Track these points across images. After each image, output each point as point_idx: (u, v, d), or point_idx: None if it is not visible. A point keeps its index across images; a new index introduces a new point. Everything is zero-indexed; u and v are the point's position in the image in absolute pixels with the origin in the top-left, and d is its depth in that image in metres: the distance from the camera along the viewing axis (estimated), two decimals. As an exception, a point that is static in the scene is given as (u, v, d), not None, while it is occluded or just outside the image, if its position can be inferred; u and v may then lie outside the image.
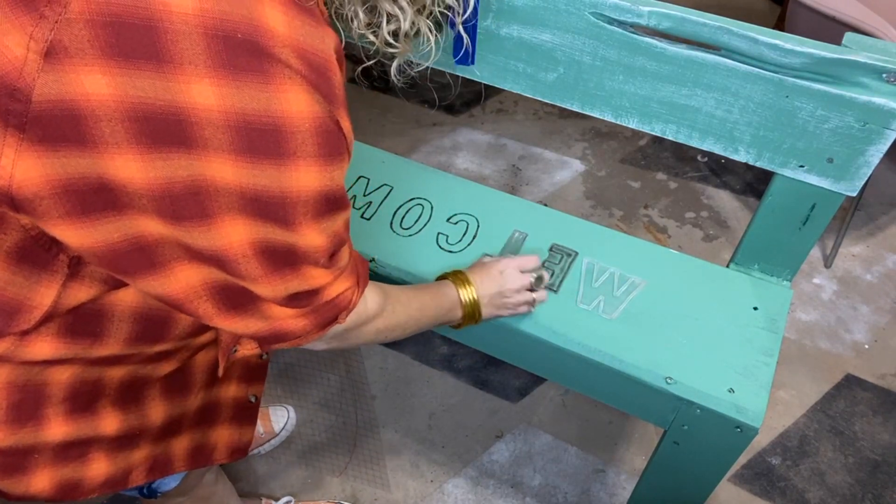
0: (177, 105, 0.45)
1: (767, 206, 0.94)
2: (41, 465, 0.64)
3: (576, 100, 0.95)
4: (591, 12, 0.85)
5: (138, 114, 0.45)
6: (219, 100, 0.45)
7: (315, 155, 0.50)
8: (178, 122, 0.46)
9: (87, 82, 0.44)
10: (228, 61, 0.45)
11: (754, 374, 0.89)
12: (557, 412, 1.50)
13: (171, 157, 0.47)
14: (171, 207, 0.49)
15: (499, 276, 0.89)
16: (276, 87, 0.46)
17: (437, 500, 1.37)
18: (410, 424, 1.48)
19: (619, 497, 1.37)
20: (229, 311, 0.58)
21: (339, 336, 0.68)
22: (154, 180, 0.48)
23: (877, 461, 1.43)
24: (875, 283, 1.77)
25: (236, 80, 0.45)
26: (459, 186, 1.14)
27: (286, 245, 0.54)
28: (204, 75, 0.45)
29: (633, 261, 1.02)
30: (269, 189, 0.50)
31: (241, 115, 0.46)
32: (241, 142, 0.47)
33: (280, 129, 0.47)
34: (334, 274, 0.61)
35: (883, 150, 0.81)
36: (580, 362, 0.92)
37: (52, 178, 0.47)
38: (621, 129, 2.19)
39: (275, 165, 0.49)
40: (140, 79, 0.44)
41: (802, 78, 0.79)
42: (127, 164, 0.47)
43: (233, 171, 0.48)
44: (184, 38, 0.44)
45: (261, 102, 0.46)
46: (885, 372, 1.59)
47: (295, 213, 0.52)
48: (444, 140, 2.15)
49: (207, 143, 0.47)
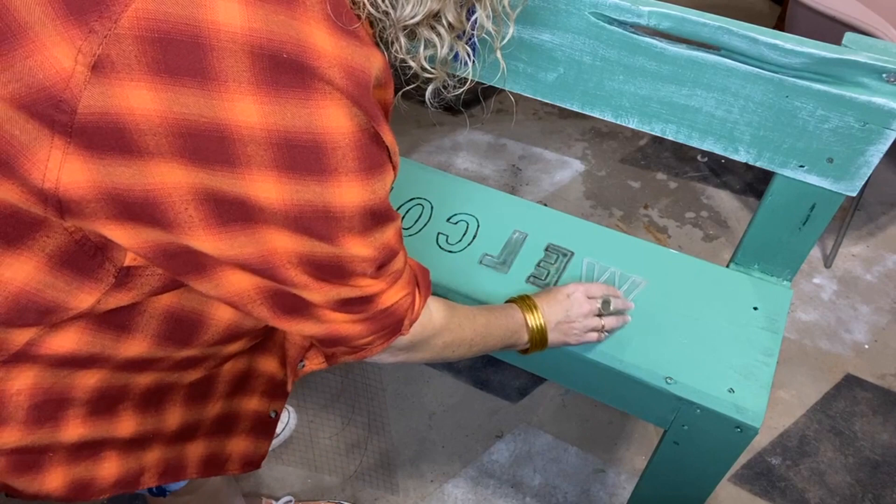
0: (219, 122, 0.46)
1: (767, 206, 0.94)
2: (55, 463, 0.63)
3: (576, 100, 0.95)
4: (591, 12, 0.85)
5: (182, 129, 0.46)
6: (261, 117, 0.46)
7: (356, 170, 0.50)
8: (221, 139, 0.46)
9: (133, 97, 0.44)
10: (272, 79, 0.45)
11: (754, 374, 0.89)
12: (557, 412, 1.50)
13: (215, 173, 0.48)
14: (216, 213, 0.50)
15: (565, 300, 0.88)
16: (315, 102, 0.47)
17: (437, 500, 1.37)
18: (410, 424, 1.48)
19: (619, 497, 1.37)
20: (284, 314, 0.59)
21: (405, 349, 0.68)
22: (199, 187, 0.48)
23: (877, 461, 1.43)
24: (875, 283, 1.77)
25: (279, 97, 0.46)
26: (459, 186, 1.13)
27: (331, 257, 0.55)
28: (247, 93, 0.45)
29: (634, 261, 1.02)
30: (313, 204, 0.50)
31: (283, 133, 0.47)
32: (284, 159, 0.48)
33: (321, 146, 0.48)
34: (387, 282, 0.61)
35: (883, 150, 0.81)
36: (580, 362, 0.92)
37: (99, 183, 0.47)
38: (621, 129, 2.19)
39: (317, 182, 0.49)
40: (184, 95, 0.45)
41: (802, 78, 0.79)
42: (172, 171, 0.47)
43: (276, 188, 0.49)
44: (230, 56, 0.44)
45: (302, 119, 0.47)
46: (885, 372, 1.59)
47: (339, 228, 0.53)
48: (444, 140, 2.15)
49: (251, 160, 0.47)
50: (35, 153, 0.46)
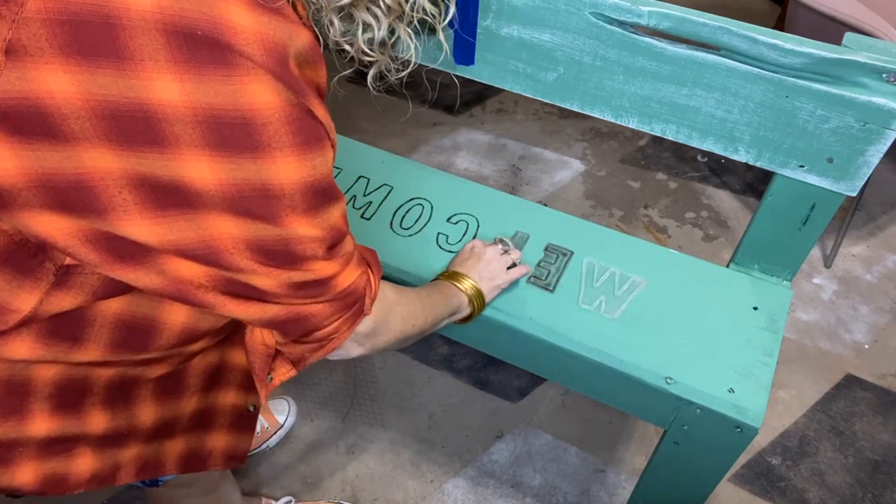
0: (142, 101, 0.45)
1: (767, 206, 0.94)
2: (25, 458, 0.63)
3: (576, 100, 0.95)
4: (591, 12, 0.85)
5: (105, 111, 0.45)
6: (183, 95, 0.45)
7: (290, 144, 0.49)
8: (146, 119, 0.45)
9: (50, 80, 0.44)
10: (190, 56, 0.44)
11: (754, 374, 0.89)
12: (557, 412, 1.50)
13: (146, 156, 0.47)
14: (151, 197, 0.49)
15: (470, 253, 0.94)
16: (238, 79, 0.46)
17: (437, 500, 1.37)
18: (410, 424, 1.48)
19: (619, 497, 1.37)
20: (237, 299, 0.57)
21: (370, 334, 0.67)
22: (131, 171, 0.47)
23: (877, 461, 1.43)
24: (875, 283, 1.77)
25: (199, 74, 0.45)
26: (459, 186, 1.14)
27: (278, 240, 0.53)
28: (166, 70, 0.44)
29: (634, 261, 1.02)
30: (250, 183, 0.49)
31: (208, 110, 0.46)
32: (213, 137, 0.47)
33: (249, 122, 0.47)
34: (340, 264, 0.59)
35: (883, 150, 0.81)
36: (580, 362, 0.92)
37: (28, 169, 0.47)
38: (621, 129, 2.19)
39: (251, 159, 0.48)
40: (102, 76, 0.44)
41: (802, 78, 0.79)
42: (102, 156, 0.46)
43: (209, 168, 0.48)
44: (142, 35, 0.43)
45: (226, 96, 0.46)
46: (885, 372, 1.59)
47: (281, 207, 0.51)
48: (444, 140, 2.15)
49: (179, 139, 0.46)
50: None
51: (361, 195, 1.11)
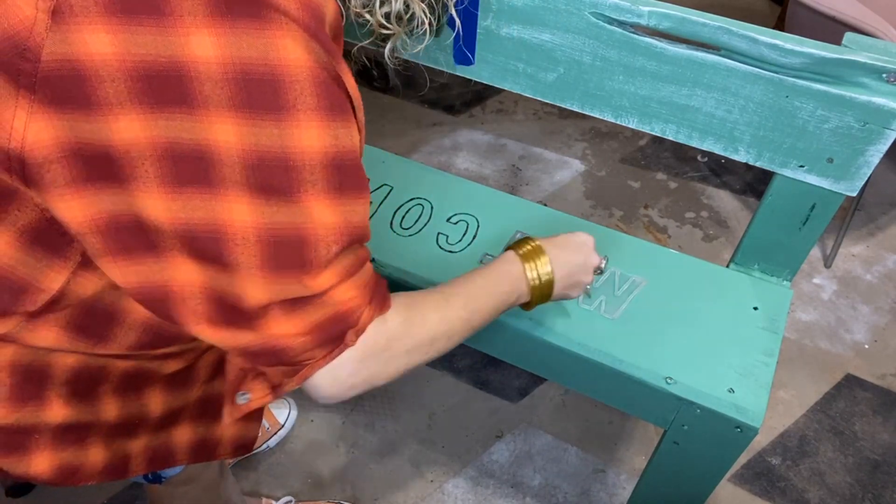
0: (177, 60, 0.45)
1: (767, 206, 0.94)
2: (41, 446, 0.64)
3: (576, 100, 0.95)
4: (591, 12, 0.85)
5: (140, 72, 0.45)
6: (217, 50, 0.46)
7: (315, 108, 0.48)
8: (179, 78, 0.46)
9: (91, 41, 0.44)
10: (227, 9, 0.45)
11: (754, 374, 0.89)
12: (557, 412, 1.50)
13: (174, 117, 0.47)
14: (173, 171, 0.48)
15: (579, 249, 0.79)
16: (272, 32, 0.46)
17: (437, 500, 1.37)
18: (410, 424, 1.48)
19: (619, 497, 1.37)
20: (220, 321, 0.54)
21: (356, 370, 0.58)
22: (156, 139, 0.47)
23: (877, 461, 1.43)
24: (875, 283, 1.77)
25: (234, 27, 0.46)
26: (459, 186, 1.14)
27: (291, 227, 0.50)
28: (202, 25, 0.45)
29: (634, 261, 1.02)
30: (272, 150, 0.48)
31: (239, 65, 0.46)
32: (240, 95, 0.47)
33: (278, 78, 0.47)
34: (340, 275, 0.54)
35: (883, 150, 0.81)
36: (580, 362, 0.92)
37: (62, 140, 0.47)
38: (621, 129, 2.19)
39: (275, 121, 0.48)
40: (142, 35, 0.45)
41: (802, 78, 0.79)
42: (131, 124, 0.47)
43: (234, 130, 0.47)
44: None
45: (258, 50, 0.46)
46: (885, 372, 1.59)
47: (300, 179, 0.49)
48: (444, 140, 2.15)
49: (208, 100, 0.47)
50: (1, 113, 0.46)
51: (361, 195, 1.11)
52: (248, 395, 0.62)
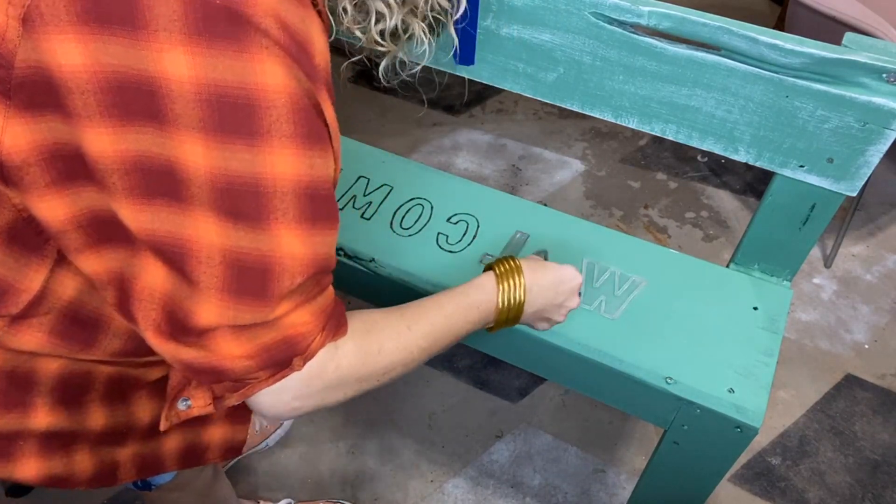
0: (149, 75, 0.44)
1: (767, 206, 0.94)
2: (27, 453, 0.63)
3: (576, 100, 0.95)
4: (591, 12, 0.85)
5: (111, 83, 0.44)
6: (191, 70, 0.44)
7: (291, 135, 0.47)
8: (151, 93, 0.44)
9: (60, 51, 0.43)
10: (205, 28, 0.43)
11: (754, 374, 0.89)
12: (557, 412, 1.50)
13: (144, 131, 0.46)
14: (142, 183, 0.47)
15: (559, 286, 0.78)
16: (251, 55, 0.44)
17: (437, 500, 1.37)
18: (410, 424, 1.48)
19: (619, 497, 1.37)
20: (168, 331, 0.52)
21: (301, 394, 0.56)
22: (126, 153, 0.46)
23: (877, 461, 1.43)
24: (875, 283, 1.77)
25: (211, 47, 0.44)
26: (459, 186, 1.14)
27: (257, 256, 0.49)
28: (178, 42, 0.43)
29: (634, 261, 1.02)
30: (242, 176, 0.47)
31: (213, 87, 0.44)
32: (213, 117, 0.45)
33: (254, 103, 0.45)
34: (297, 302, 0.53)
35: (883, 150, 0.81)
36: (580, 362, 0.92)
37: (40, 143, 0.47)
38: (621, 129, 2.19)
39: (247, 145, 0.46)
40: (114, 45, 0.43)
41: (802, 78, 0.79)
42: (99, 137, 0.46)
43: (203, 152, 0.46)
44: (161, 3, 0.43)
45: (235, 73, 0.44)
46: (885, 372, 1.59)
47: (269, 207, 0.48)
48: (444, 140, 2.15)
49: (178, 119, 0.45)
50: None
51: (361, 195, 1.11)
52: (189, 402, 0.60)
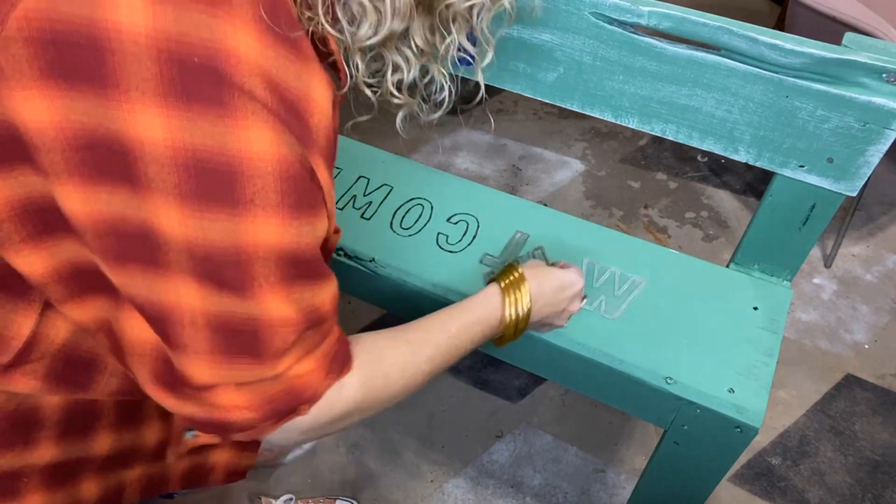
0: (120, 135, 0.40)
1: (767, 206, 0.94)
2: (31, 489, 0.61)
3: (576, 100, 0.95)
4: (591, 12, 0.85)
5: (80, 141, 0.41)
6: (166, 133, 0.40)
7: (277, 205, 0.43)
8: (122, 154, 0.41)
9: (25, 108, 0.40)
10: (182, 89, 0.40)
11: (754, 374, 0.89)
12: (557, 412, 1.50)
13: (116, 192, 0.42)
14: (115, 247, 0.44)
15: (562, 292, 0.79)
16: (234, 120, 0.41)
17: (437, 500, 1.37)
18: (410, 424, 1.48)
19: (619, 497, 1.37)
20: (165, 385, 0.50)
21: (307, 430, 0.56)
22: (98, 214, 0.43)
23: (877, 461, 1.43)
24: (875, 283, 1.77)
25: (188, 110, 0.40)
26: (459, 186, 1.14)
27: (245, 320, 0.47)
28: (151, 104, 0.40)
29: (634, 261, 1.02)
30: (222, 245, 0.43)
31: (191, 153, 0.41)
32: (190, 185, 0.41)
33: (236, 172, 0.42)
34: (299, 355, 0.51)
35: (883, 150, 0.81)
36: (580, 362, 0.92)
37: (12, 198, 0.44)
38: (621, 129, 2.19)
39: (228, 216, 0.43)
40: (81, 102, 0.40)
41: (802, 78, 0.79)
42: (69, 195, 0.42)
43: (179, 219, 0.42)
44: (133, 61, 0.39)
45: (215, 138, 0.41)
46: (885, 372, 1.59)
47: (252, 274, 0.45)
48: (444, 140, 2.15)
49: (152, 183, 0.41)
50: None
51: (361, 195, 1.11)
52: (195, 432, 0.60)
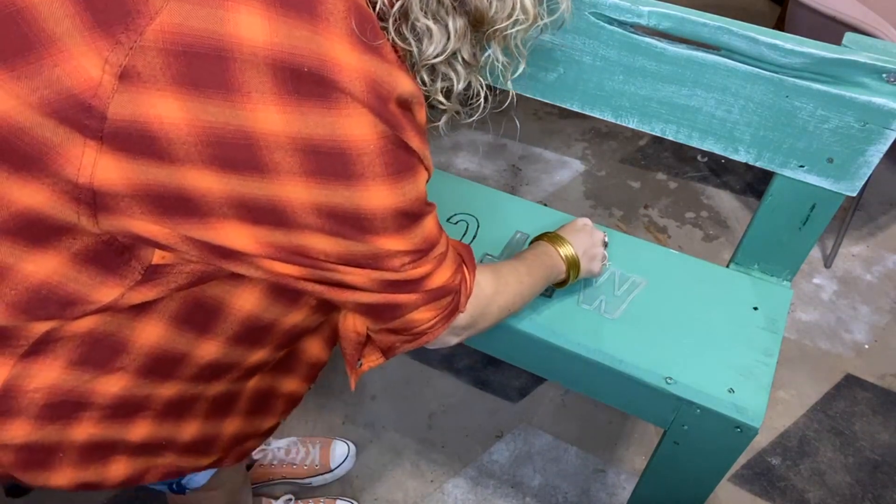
0: (245, 130, 0.47)
1: (767, 206, 0.94)
2: (65, 464, 0.64)
3: (576, 100, 0.95)
4: (591, 12, 0.85)
5: (210, 138, 0.47)
6: (285, 126, 0.47)
7: (383, 175, 0.52)
8: (249, 146, 0.48)
9: (160, 106, 0.46)
10: (294, 90, 0.47)
11: (754, 374, 0.89)
12: (557, 412, 1.50)
13: (247, 179, 0.50)
14: (252, 214, 0.52)
15: (584, 228, 0.95)
16: (338, 112, 0.48)
17: (437, 500, 1.37)
18: (410, 424, 1.48)
19: (619, 497, 1.37)
20: (334, 288, 0.60)
21: (467, 326, 0.71)
22: (232, 192, 0.50)
23: (877, 461, 1.43)
24: (875, 283, 1.77)
25: (300, 106, 0.47)
26: (459, 186, 1.14)
27: (368, 254, 0.57)
28: (270, 103, 0.47)
29: (634, 261, 1.02)
30: (344, 206, 0.52)
31: (307, 140, 0.48)
32: (310, 164, 0.49)
33: (346, 153, 0.50)
34: (432, 265, 0.62)
35: (883, 150, 0.81)
36: (580, 362, 0.92)
37: (133, 181, 0.49)
38: (621, 129, 2.19)
39: (345, 186, 0.51)
40: (210, 105, 0.46)
41: (802, 78, 0.79)
42: (203, 177, 0.49)
43: (306, 191, 0.51)
44: (251, 69, 0.46)
45: (325, 128, 0.48)
46: (885, 372, 1.59)
47: (372, 230, 0.55)
48: (444, 140, 2.15)
49: (279, 166, 0.49)
50: (68, 150, 0.47)
51: (361, 195, 1.11)
52: (361, 361, 0.73)
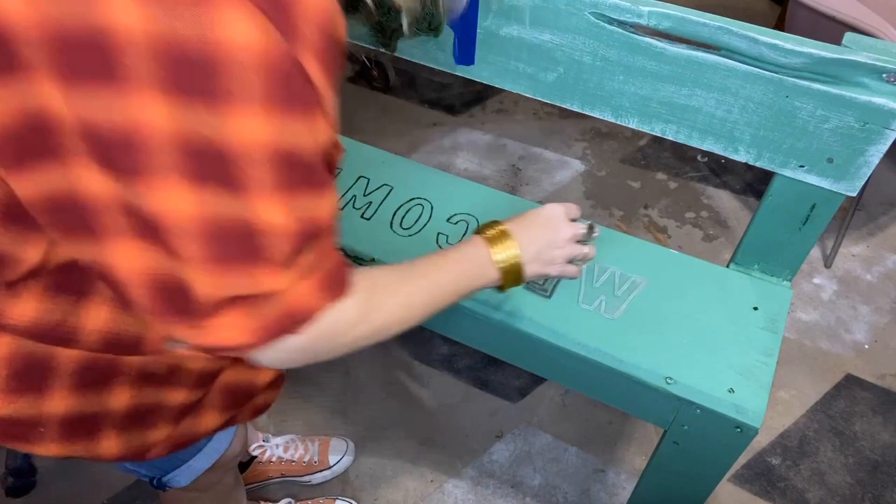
0: (95, 26, 0.39)
1: (767, 206, 0.94)
2: (48, 440, 0.62)
3: (576, 100, 0.95)
4: (591, 12, 0.85)
5: (56, 34, 0.40)
6: (143, 21, 0.39)
7: (261, 98, 0.42)
8: (98, 47, 0.40)
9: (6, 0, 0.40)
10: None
11: (754, 374, 0.89)
12: (557, 412, 1.50)
13: (98, 92, 0.41)
14: (105, 152, 0.43)
15: (546, 223, 0.76)
16: (211, 5, 0.39)
17: (437, 500, 1.37)
18: (410, 424, 1.48)
19: (619, 497, 1.37)
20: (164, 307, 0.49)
21: (301, 349, 0.54)
22: (83, 116, 0.42)
23: (877, 461, 1.43)
24: (875, 283, 1.77)
25: None
26: (459, 186, 1.14)
27: (238, 222, 0.45)
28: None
29: (634, 261, 1.02)
30: (207, 138, 0.42)
31: (168, 41, 0.39)
32: (170, 74, 0.40)
33: (214, 61, 0.40)
34: (297, 274, 0.50)
35: (883, 150, 0.81)
36: (580, 362, 0.92)
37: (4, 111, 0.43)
38: (621, 129, 2.19)
39: (207, 107, 0.41)
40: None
41: (802, 78, 0.79)
42: (52, 92, 0.41)
43: (165, 111, 0.41)
44: None
45: (193, 26, 0.39)
46: (885, 372, 1.59)
47: (241, 172, 0.44)
48: (444, 140, 2.15)
49: (130, 73, 0.40)
50: None
51: (361, 195, 1.11)
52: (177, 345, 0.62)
